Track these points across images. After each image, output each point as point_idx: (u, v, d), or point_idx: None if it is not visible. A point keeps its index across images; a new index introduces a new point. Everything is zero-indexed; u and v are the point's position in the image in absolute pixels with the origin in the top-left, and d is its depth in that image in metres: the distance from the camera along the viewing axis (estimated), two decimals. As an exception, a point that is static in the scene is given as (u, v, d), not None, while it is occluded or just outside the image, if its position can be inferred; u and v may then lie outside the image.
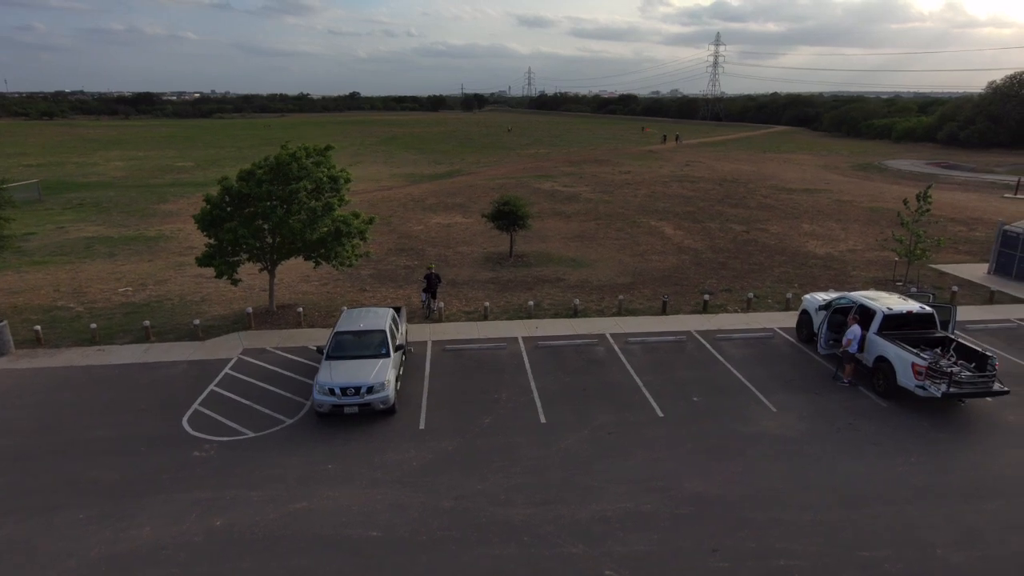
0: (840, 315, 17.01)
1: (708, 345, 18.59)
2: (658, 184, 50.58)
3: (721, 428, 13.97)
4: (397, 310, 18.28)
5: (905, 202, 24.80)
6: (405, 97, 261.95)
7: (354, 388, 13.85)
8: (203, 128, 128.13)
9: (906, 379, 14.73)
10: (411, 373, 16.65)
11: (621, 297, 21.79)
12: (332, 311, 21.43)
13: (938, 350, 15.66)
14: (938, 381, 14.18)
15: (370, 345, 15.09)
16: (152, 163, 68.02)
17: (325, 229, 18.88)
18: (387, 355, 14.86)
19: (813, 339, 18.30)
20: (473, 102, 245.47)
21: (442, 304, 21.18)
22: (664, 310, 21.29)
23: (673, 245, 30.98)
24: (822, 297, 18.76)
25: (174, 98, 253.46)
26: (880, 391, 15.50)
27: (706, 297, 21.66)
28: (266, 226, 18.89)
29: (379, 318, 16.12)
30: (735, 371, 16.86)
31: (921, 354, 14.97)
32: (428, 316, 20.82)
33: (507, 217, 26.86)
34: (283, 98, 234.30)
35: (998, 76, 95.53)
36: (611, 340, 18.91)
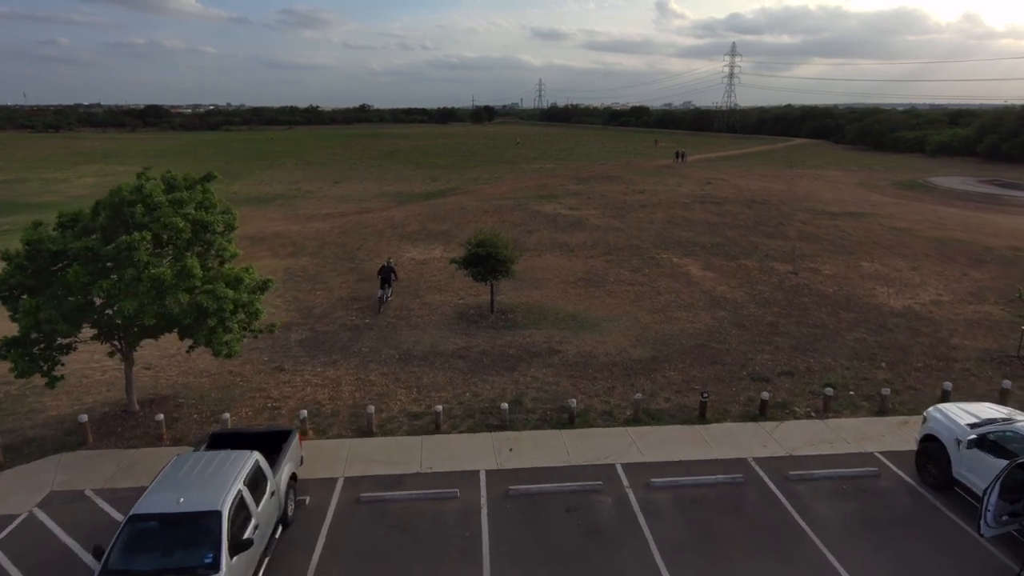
0: (1022, 471, 9.99)
1: (779, 493, 11.74)
2: (677, 207, 43.69)
3: None
4: (285, 438, 11.50)
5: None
6: (414, 109, 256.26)
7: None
8: (204, 141, 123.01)
9: None
10: (290, 555, 9.97)
11: (639, 395, 14.91)
12: (225, 406, 14.93)
13: None
14: None
15: (188, 543, 8.35)
16: (127, 179, 62.21)
17: (181, 305, 12.16)
18: (214, 568, 8.15)
19: (949, 485, 11.45)
20: (483, 114, 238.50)
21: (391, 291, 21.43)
22: (703, 415, 14.47)
23: (703, 293, 24.13)
24: (966, 417, 11.77)
25: (188, 110, 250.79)
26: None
27: (765, 396, 14.73)
28: (96, 300, 12.39)
29: (219, 483, 9.18)
30: (834, 560, 10.01)
31: None
32: (379, 311, 20.85)
33: (483, 263, 20.12)
34: (292, 110, 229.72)
35: (1017, 87, 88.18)
36: (623, 479, 12.12)
